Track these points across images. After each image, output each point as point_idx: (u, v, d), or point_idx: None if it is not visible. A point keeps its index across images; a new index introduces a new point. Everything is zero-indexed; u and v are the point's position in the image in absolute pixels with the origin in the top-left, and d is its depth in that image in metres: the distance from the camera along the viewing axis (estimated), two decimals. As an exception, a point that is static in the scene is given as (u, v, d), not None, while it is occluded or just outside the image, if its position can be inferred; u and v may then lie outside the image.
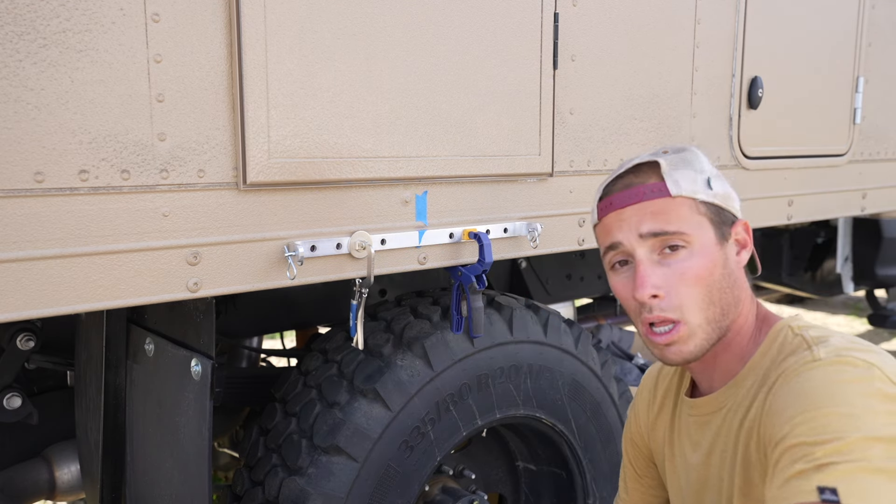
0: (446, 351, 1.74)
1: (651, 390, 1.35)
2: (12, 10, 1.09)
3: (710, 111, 2.18)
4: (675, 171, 1.11)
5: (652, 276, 1.08)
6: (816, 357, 0.98)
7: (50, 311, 1.17)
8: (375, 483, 1.65)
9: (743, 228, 1.14)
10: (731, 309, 1.11)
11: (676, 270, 1.07)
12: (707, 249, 1.08)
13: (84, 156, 1.17)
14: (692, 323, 1.08)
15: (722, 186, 1.13)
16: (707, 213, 1.10)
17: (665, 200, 1.09)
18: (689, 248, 1.08)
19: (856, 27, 2.61)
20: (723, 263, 1.09)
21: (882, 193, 2.91)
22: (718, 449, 1.14)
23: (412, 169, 1.54)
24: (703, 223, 1.09)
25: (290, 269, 1.39)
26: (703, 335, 1.08)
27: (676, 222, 1.08)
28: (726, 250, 1.11)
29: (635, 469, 1.40)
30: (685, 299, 1.07)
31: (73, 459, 2.01)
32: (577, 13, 1.79)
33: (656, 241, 1.09)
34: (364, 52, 1.44)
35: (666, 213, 1.09)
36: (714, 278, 1.08)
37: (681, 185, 1.09)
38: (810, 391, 0.94)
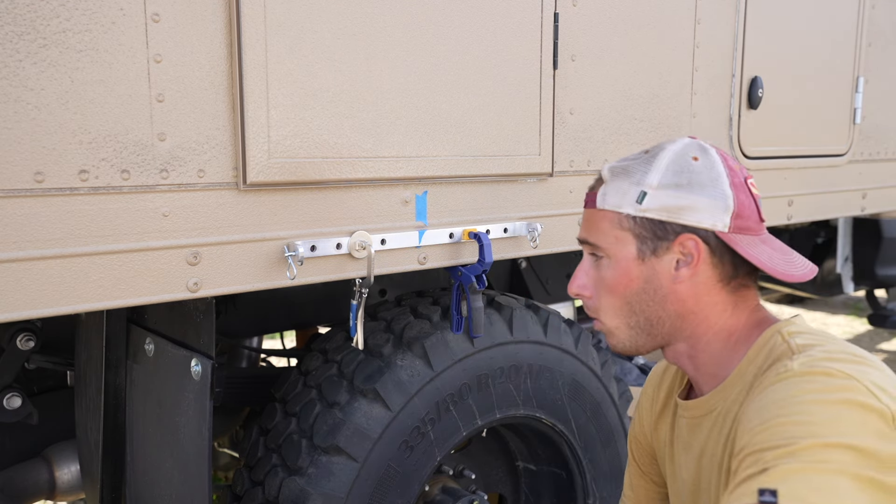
0: (446, 351, 1.74)
1: (655, 388, 1.35)
2: (12, 10, 1.09)
3: (710, 111, 2.18)
4: (610, 183, 1.14)
5: (580, 276, 1.18)
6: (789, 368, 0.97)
7: (50, 311, 1.17)
8: (375, 483, 1.65)
9: (693, 244, 1.08)
10: (665, 320, 1.12)
11: (597, 277, 1.16)
12: (622, 264, 1.12)
13: (84, 156, 1.17)
14: (608, 324, 1.16)
15: (671, 199, 1.08)
16: (632, 228, 1.11)
17: (593, 211, 1.16)
18: (607, 259, 1.14)
19: (856, 27, 2.61)
20: (645, 278, 1.11)
21: (882, 193, 2.91)
22: (708, 453, 1.14)
23: (412, 169, 1.54)
24: (624, 238, 1.11)
25: (290, 269, 1.39)
26: (625, 337, 1.16)
27: (595, 234, 1.15)
28: (654, 265, 1.10)
29: (639, 467, 1.40)
30: (602, 303, 1.15)
31: (73, 459, 2.01)
32: (577, 13, 1.79)
33: (587, 246, 1.17)
34: (364, 52, 1.44)
35: (592, 223, 1.16)
36: (631, 291, 1.12)
37: (606, 198, 1.13)
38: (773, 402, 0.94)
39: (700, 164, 1.10)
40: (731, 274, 1.12)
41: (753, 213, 1.11)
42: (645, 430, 1.36)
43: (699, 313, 1.12)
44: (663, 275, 1.11)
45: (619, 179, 1.13)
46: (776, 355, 1.05)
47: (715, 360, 1.14)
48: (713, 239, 1.09)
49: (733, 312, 1.13)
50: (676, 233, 1.09)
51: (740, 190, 1.10)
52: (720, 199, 1.08)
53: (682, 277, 1.10)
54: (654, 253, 1.10)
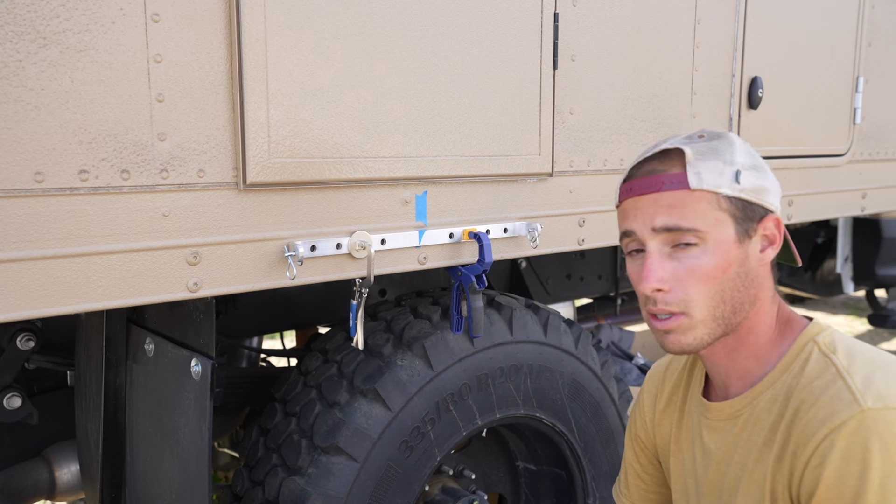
0: (446, 351, 1.74)
1: (658, 385, 1.33)
2: (12, 10, 1.09)
3: (710, 111, 2.18)
4: (699, 162, 1.05)
5: (658, 270, 1.05)
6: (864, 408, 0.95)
7: (50, 311, 1.17)
8: (375, 483, 1.65)
9: (774, 224, 1.08)
10: (744, 307, 1.08)
11: (686, 266, 1.05)
12: (722, 248, 1.04)
13: (84, 156, 1.17)
14: (695, 318, 1.06)
15: (755, 179, 1.07)
16: (729, 209, 1.05)
17: (683, 193, 1.05)
18: (702, 245, 1.04)
19: (856, 27, 2.61)
20: (740, 262, 1.05)
21: (882, 193, 2.91)
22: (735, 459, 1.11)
23: (412, 169, 1.54)
24: (723, 220, 1.05)
25: (290, 269, 1.39)
26: (706, 330, 1.07)
27: (692, 218, 1.04)
28: (747, 248, 1.06)
29: (638, 466, 1.38)
30: (692, 295, 1.05)
31: (73, 459, 2.01)
32: (577, 13, 1.79)
33: (669, 235, 1.06)
34: (364, 52, 1.44)
35: (682, 207, 1.05)
36: (727, 277, 1.05)
37: (703, 177, 1.05)
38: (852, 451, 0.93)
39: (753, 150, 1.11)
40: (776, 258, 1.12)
41: None
42: (647, 427, 1.34)
43: (763, 300, 1.10)
44: (753, 257, 1.07)
45: (710, 159, 1.06)
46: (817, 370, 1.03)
47: (754, 356, 1.12)
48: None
49: (773, 300, 1.12)
50: (761, 214, 1.07)
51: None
52: (777, 184, 1.10)
53: (765, 259, 1.08)
54: (747, 234, 1.06)
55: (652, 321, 1.10)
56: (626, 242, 1.12)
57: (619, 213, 1.14)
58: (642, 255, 1.10)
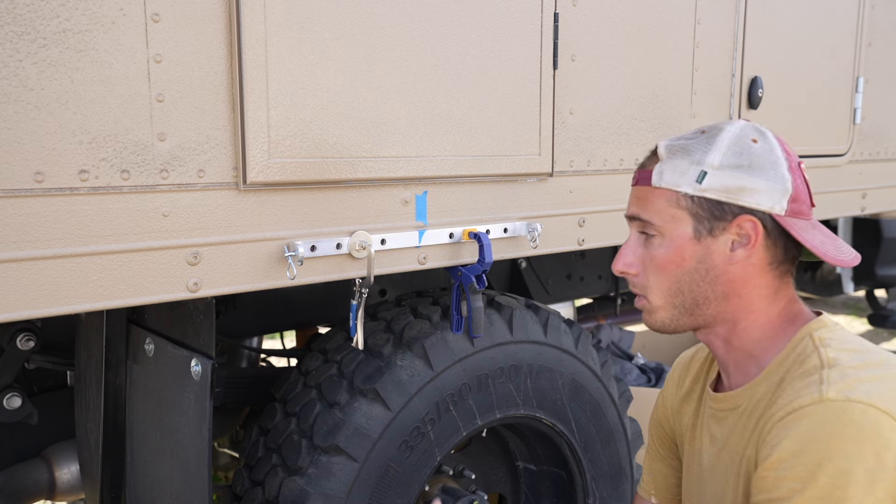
0: (446, 351, 1.74)
1: (682, 372, 1.37)
2: (12, 10, 1.09)
3: (710, 111, 2.18)
4: (666, 161, 1.13)
5: (627, 254, 1.17)
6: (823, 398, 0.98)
7: (50, 311, 1.17)
8: (375, 483, 1.65)
9: (750, 225, 1.10)
10: (710, 301, 1.13)
11: (648, 254, 1.15)
12: (676, 243, 1.12)
13: (84, 156, 1.17)
14: (653, 303, 1.16)
15: (731, 179, 1.09)
16: (689, 207, 1.11)
17: (648, 189, 1.15)
18: (659, 237, 1.13)
19: (856, 27, 2.61)
20: (698, 258, 1.11)
21: (882, 193, 2.91)
22: (729, 448, 1.15)
23: (412, 169, 1.54)
24: (680, 217, 1.11)
25: (290, 269, 1.39)
26: (666, 315, 1.16)
27: (650, 212, 1.14)
28: (709, 245, 1.11)
29: (659, 451, 1.42)
30: (650, 281, 1.15)
31: (73, 459, 2.01)
32: (577, 13, 1.79)
33: (637, 223, 1.17)
34: (364, 52, 1.44)
35: (646, 201, 1.15)
36: (682, 270, 1.12)
37: (664, 176, 1.13)
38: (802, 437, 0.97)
39: (759, 147, 1.11)
40: (780, 258, 1.13)
41: (807, 197, 1.13)
42: (668, 415, 1.38)
43: (744, 296, 1.13)
44: (717, 255, 1.11)
45: (678, 158, 1.12)
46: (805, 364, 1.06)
47: (748, 351, 1.15)
48: (770, 221, 1.10)
49: (774, 299, 1.14)
50: (734, 214, 1.10)
51: (796, 174, 1.11)
52: (779, 183, 1.09)
53: (736, 258, 1.11)
54: (711, 233, 1.11)
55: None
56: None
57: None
58: None
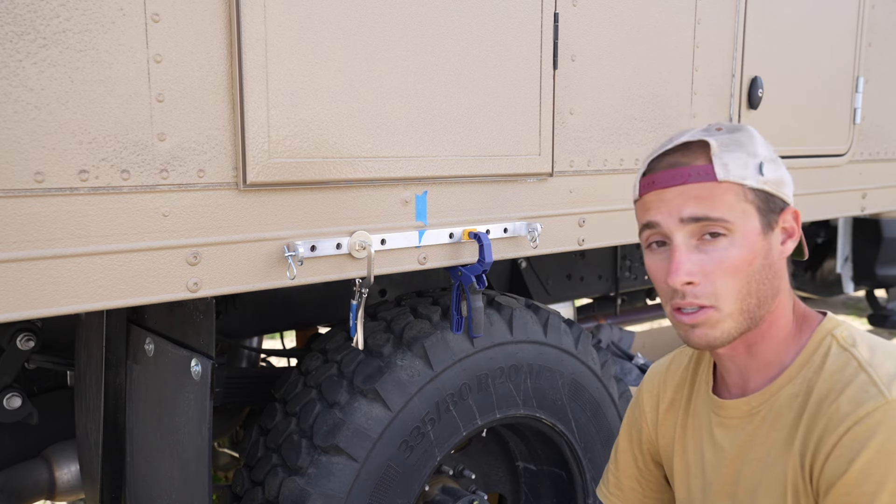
0: (446, 351, 1.74)
1: (659, 385, 1.32)
2: (12, 10, 1.09)
3: (710, 111, 2.18)
4: (725, 154, 1.05)
5: (687, 262, 1.04)
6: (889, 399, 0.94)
7: (50, 311, 1.17)
8: (375, 483, 1.65)
9: (792, 217, 1.08)
10: (769, 300, 1.07)
11: (714, 258, 1.04)
12: (749, 239, 1.04)
13: (84, 156, 1.17)
14: (724, 311, 1.05)
15: (775, 171, 1.07)
16: (755, 201, 1.05)
17: (710, 185, 1.04)
18: (730, 236, 1.04)
19: (856, 27, 2.61)
20: (764, 254, 1.05)
21: (882, 193, 2.91)
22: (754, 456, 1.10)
23: (412, 169, 1.54)
24: (749, 211, 1.04)
25: (290, 269, 1.39)
26: (733, 323, 1.06)
27: (721, 209, 1.03)
28: (770, 240, 1.06)
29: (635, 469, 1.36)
30: (721, 288, 1.04)
31: (73, 459, 2.01)
32: (577, 13, 1.79)
33: (697, 226, 1.05)
34: (364, 52, 1.44)
35: (710, 198, 1.04)
36: (753, 269, 1.04)
37: (730, 169, 1.04)
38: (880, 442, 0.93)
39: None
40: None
41: None
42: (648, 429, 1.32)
43: (784, 292, 1.10)
44: (775, 250, 1.07)
45: (735, 150, 1.06)
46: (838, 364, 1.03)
47: (774, 350, 1.11)
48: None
49: (789, 294, 1.12)
50: (780, 207, 1.07)
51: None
52: (791, 178, 1.10)
53: (786, 252, 1.09)
54: (770, 226, 1.06)
55: (677, 315, 1.08)
56: (647, 235, 1.11)
57: (640, 206, 1.13)
58: (665, 249, 1.09)
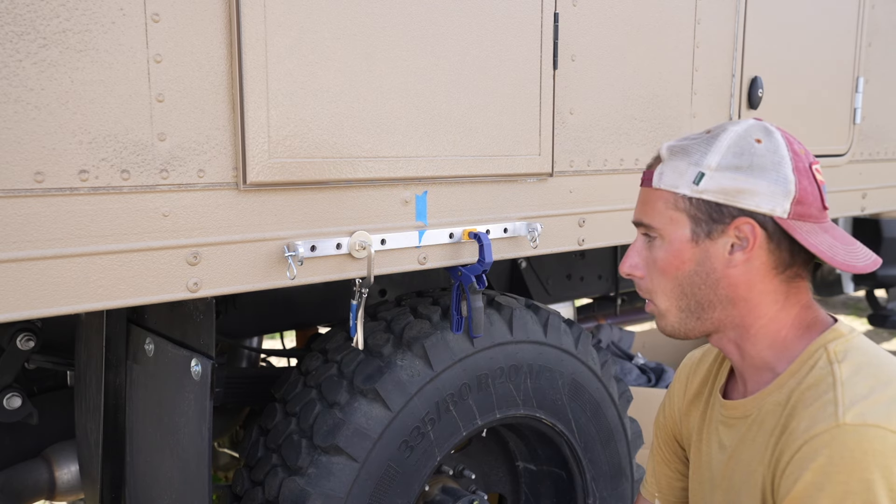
0: (446, 351, 1.74)
1: (688, 376, 1.35)
2: (12, 10, 1.09)
3: (710, 111, 2.18)
4: (668, 162, 1.12)
5: (633, 256, 1.17)
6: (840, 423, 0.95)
7: (50, 311, 1.17)
8: (375, 483, 1.65)
9: (749, 228, 1.06)
10: (715, 304, 1.11)
11: (650, 258, 1.14)
12: (675, 246, 1.10)
13: (84, 156, 1.17)
14: (660, 306, 1.15)
15: (730, 181, 1.06)
16: (687, 210, 1.09)
17: (650, 190, 1.14)
18: (661, 240, 1.12)
19: (856, 27, 2.61)
20: (697, 261, 1.09)
21: (882, 193, 2.91)
22: (743, 458, 1.13)
23: (412, 169, 1.54)
24: (678, 219, 1.10)
25: (290, 269, 1.39)
26: (675, 319, 1.15)
27: (650, 215, 1.13)
28: (707, 248, 1.09)
29: (664, 454, 1.40)
30: (655, 284, 1.15)
31: (73, 459, 2.01)
32: (577, 13, 1.79)
33: (640, 227, 1.16)
34: (364, 52, 1.44)
35: (648, 203, 1.14)
36: (682, 273, 1.11)
37: (663, 177, 1.12)
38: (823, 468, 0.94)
39: (763, 147, 1.07)
40: (787, 262, 1.09)
41: (816, 199, 1.08)
42: (675, 417, 1.36)
43: (750, 300, 1.10)
44: (717, 258, 1.09)
45: (677, 159, 1.11)
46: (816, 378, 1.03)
47: (762, 357, 1.12)
48: (771, 224, 1.06)
49: (784, 304, 1.11)
50: (733, 216, 1.07)
51: (803, 175, 1.06)
52: (781, 184, 1.05)
53: (735, 262, 1.08)
54: (709, 235, 1.09)
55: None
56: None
57: None
58: None
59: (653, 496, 1.43)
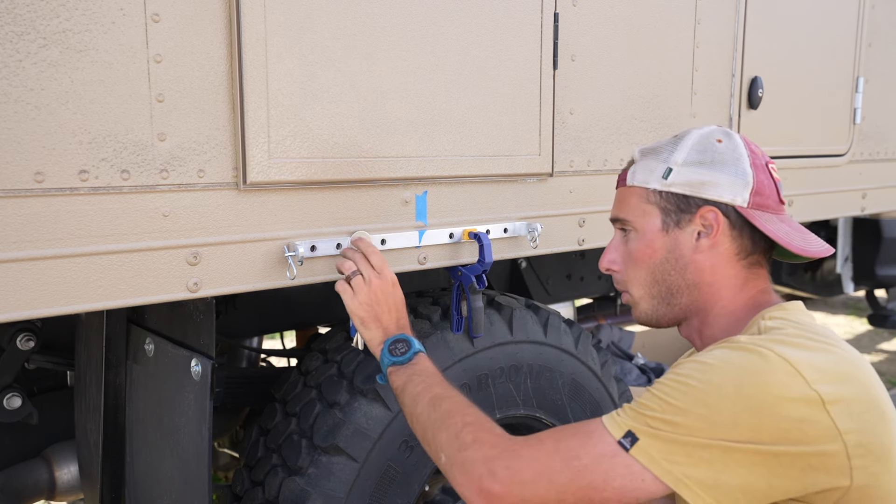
0: (446, 351, 1.74)
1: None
2: (12, 10, 1.09)
3: (710, 111, 2.18)
4: (640, 162, 1.25)
5: (610, 252, 1.28)
6: (734, 339, 1.06)
7: (50, 311, 1.17)
8: (375, 483, 1.65)
9: (713, 216, 1.17)
10: (682, 290, 1.21)
11: (626, 251, 1.25)
12: (648, 236, 1.21)
13: (84, 156, 1.17)
14: (634, 295, 1.26)
15: (695, 174, 1.18)
16: (658, 202, 1.21)
17: (625, 189, 1.27)
18: (635, 233, 1.23)
19: (856, 27, 2.61)
20: (668, 248, 1.20)
21: (882, 193, 2.91)
22: None
23: (412, 169, 1.54)
24: (650, 211, 1.21)
25: (290, 269, 1.39)
26: (648, 307, 1.25)
27: (625, 210, 1.25)
28: (676, 236, 1.20)
29: None
30: (630, 275, 1.25)
31: (73, 459, 2.00)
32: (577, 13, 1.79)
33: (616, 223, 1.27)
34: (364, 52, 1.44)
35: (623, 200, 1.26)
36: (655, 261, 1.21)
37: (636, 175, 1.24)
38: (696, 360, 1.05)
39: (723, 146, 1.20)
40: (748, 249, 1.20)
41: (773, 192, 1.20)
42: None
43: (714, 284, 1.20)
44: (685, 245, 1.20)
45: (648, 158, 1.24)
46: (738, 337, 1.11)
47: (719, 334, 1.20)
48: (733, 213, 1.18)
49: (742, 288, 1.20)
50: (698, 206, 1.18)
51: (760, 171, 1.19)
52: (741, 177, 1.17)
53: (702, 248, 1.19)
54: (678, 224, 1.20)
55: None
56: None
57: None
58: None
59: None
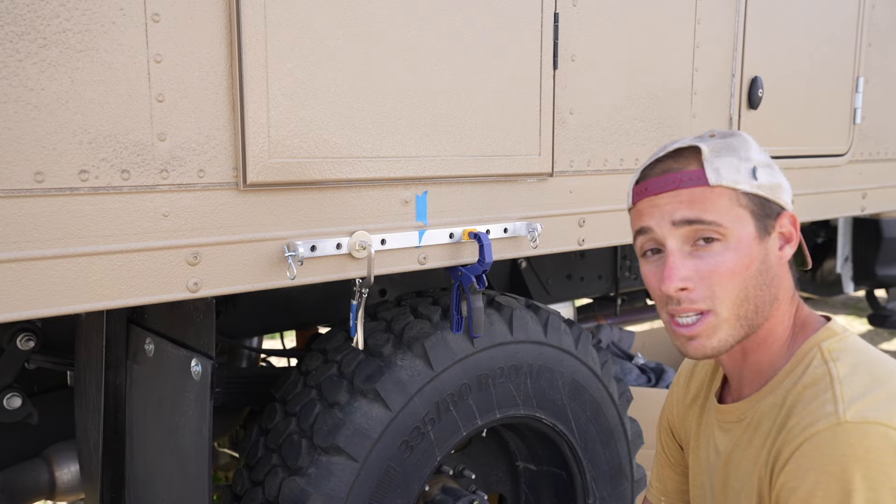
0: (446, 351, 1.74)
1: (687, 378, 1.34)
2: (12, 10, 1.09)
3: (710, 111, 2.18)
4: (716, 159, 1.04)
5: (681, 268, 1.03)
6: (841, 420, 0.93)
7: (50, 311, 1.17)
8: (375, 483, 1.65)
9: (789, 222, 1.06)
10: (766, 306, 1.06)
11: (710, 264, 1.02)
12: (743, 244, 1.02)
13: (84, 156, 1.17)
14: (721, 316, 1.03)
15: (770, 176, 1.05)
16: (749, 206, 1.03)
17: (702, 189, 1.03)
18: (723, 241, 1.02)
19: (856, 27, 2.61)
20: (761, 259, 1.04)
21: (882, 193, 2.91)
22: (735, 460, 1.12)
23: (412, 169, 1.54)
24: (743, 216, 1.03)
25: (290, 269, 1.39)
26: (730, 330, 1.04)
27: (714, 213, 1.02)
28: (767, 245, 1.05)
29: (668, 457, 1.40)
30: (718, 291, 1.02)
31: (73, 459, 2.01)
32: (577, 13, 1.79)
33: (690, 229, 1.03)
34: (364, 52, 1.44)
35: (703, 202, 1.03)
36: (749, 274, 1.03)
37: (721, 173, 1.03)
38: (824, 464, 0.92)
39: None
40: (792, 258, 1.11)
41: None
42: (674, 419, 1.36)
43: (782, 300, 1.08)
44: (773, 255, 1.06)
45: (727, 155, 1.05)
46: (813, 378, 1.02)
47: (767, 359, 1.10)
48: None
49: (791, 301, 1.10)
50: (777, 212, 1.06)
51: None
52: (788, 183, 1.08)
53: (785, 257, 1.07)
54: (767, 231, 1.05)
55: (674, 327, 1.06)
56: (641, 242, 1.10)
57: (633, 214, 1.12)
58: (659, 256, 1.08)
59: (659, 500, 1.42)
